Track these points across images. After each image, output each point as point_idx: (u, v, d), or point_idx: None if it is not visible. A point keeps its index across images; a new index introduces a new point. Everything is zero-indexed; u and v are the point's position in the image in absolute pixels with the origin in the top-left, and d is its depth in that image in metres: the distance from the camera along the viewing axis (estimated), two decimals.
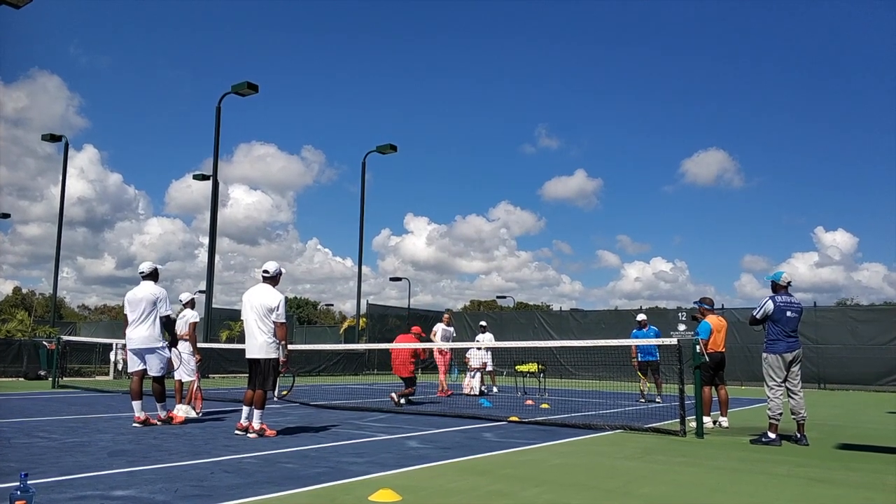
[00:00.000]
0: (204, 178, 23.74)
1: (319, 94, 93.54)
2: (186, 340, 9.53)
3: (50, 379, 16.21)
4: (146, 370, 8.40)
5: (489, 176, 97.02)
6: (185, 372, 9.55)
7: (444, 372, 15.05)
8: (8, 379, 17.66)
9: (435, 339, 14.99)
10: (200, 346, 10.19)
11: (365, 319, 28.50)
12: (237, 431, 7.59)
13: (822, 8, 75.20)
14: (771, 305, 7.69)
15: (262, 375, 7.54)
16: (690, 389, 8.39)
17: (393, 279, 42.74)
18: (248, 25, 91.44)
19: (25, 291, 67.32)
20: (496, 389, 15.99)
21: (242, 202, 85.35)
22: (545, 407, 12.04)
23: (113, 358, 19.50)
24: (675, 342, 8.80)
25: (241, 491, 4.64)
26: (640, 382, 14.00)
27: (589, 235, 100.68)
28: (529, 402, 13.01)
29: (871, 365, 20.28)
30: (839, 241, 77.18)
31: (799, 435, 7.70)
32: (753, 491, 5.09)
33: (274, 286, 7.76)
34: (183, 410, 9.11)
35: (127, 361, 8.82)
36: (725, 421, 9.18)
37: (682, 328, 22.51)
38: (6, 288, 67.77)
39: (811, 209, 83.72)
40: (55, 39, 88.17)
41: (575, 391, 15.88)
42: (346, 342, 36.55)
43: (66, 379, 17.14)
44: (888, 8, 64.69)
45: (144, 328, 8.30)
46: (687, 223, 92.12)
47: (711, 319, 9.38)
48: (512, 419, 9.71)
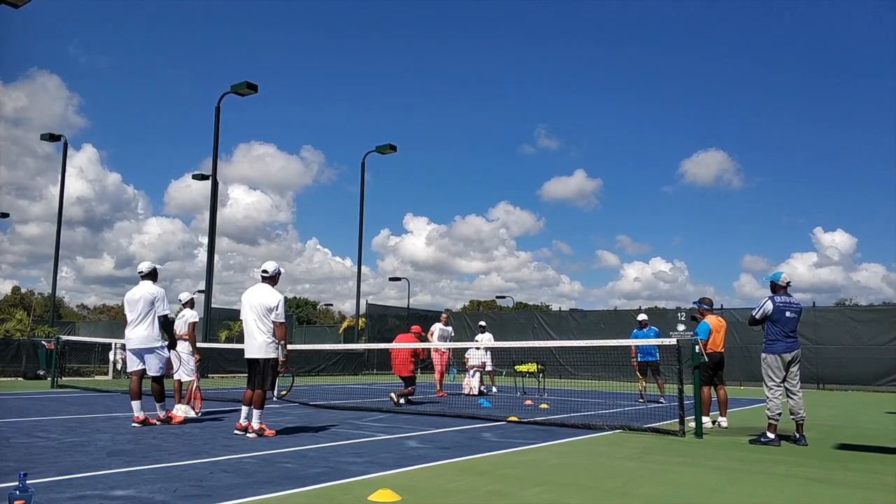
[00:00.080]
0: (203, 177, 23.74)
1: (319, 94, 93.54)
2: (186, 340, 9.53)
3: (49, 379, 16.21)
4: (145, 370, 8.40)
5: (489, 176, 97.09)
6: (184, 372, 9.56)
7: (439, 372, 14.98)
8: (7, 379, 17.65)
9: (432, 338, 14.97)
10: (200, 345, 10.19)
11: (364, 319, 28.51)
12: (236, 431, 7.59)
13: (822, 8, 75.31)
14: (770, 306, 7.70)
15: (261, 375, 7.54)
16: (689, 389, 8.40)
17: (392, 279, 42.83)
18: (248, 25, 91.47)
19: (24, 291, 67.47)
20: (495, 389, 15.99)
21: (242, 202, 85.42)
22: (544, 407, 12.04)
23: (112, 358, 19.50)
24: (674, 342, 8.81)
25: (240, 491, 4.64)
26: (639, 382, 14.01)
27: (588, 235, 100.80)
28: (529, 402, 13.02)
29: (869, 365, 20.30)
30: (838, 241, 77.30)
31: (798, 435, 7.71)
32: (752, 491, 5.09)
33: (273, 286, 7.76)
34: (182, 410, 9.11)
35: (126, 361, 8.81)
36: (724, 421, 9.18)
37: (681, 328, 22.52)
38: (5, 287, 67.81)
39: (810, 209, 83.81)
40: (55, 39, 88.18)
41: (574, 391, 15.89)
42: (345, 342, 36.52)
43: (64, 379, 17.13)
44: (888, 8, 64.77)
45: (143, 328, 8.30)
46: (686, 223, 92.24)
47: (711, 320, 9.38)
48: (511, 419, 9.71)
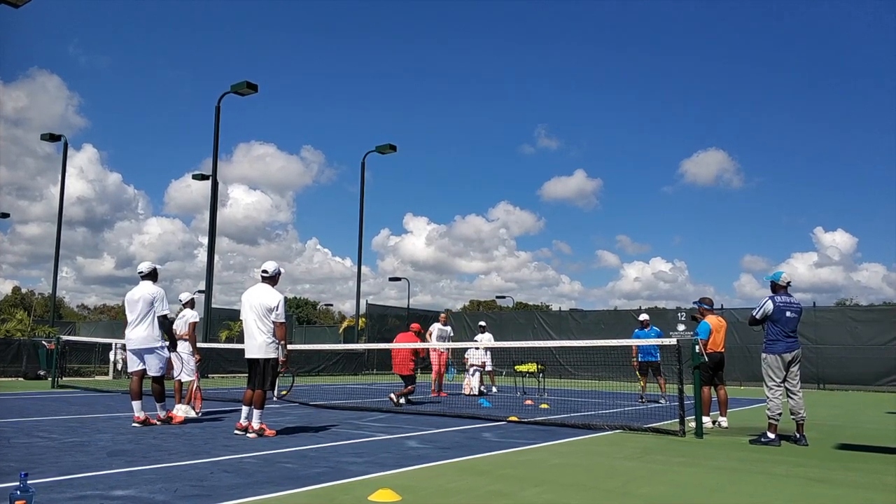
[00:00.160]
0: (203, 177, 23.74)
1: (319, 94, 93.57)
2: (186, 340, 9.53)
3: (49, 379, 16.21)
4: (146, 370, 8.40)
5: (489, 176, 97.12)
6: (184, 372, 9.56)
7: (436, 372, 14.97)
8: (7, 379, 17.65)
9: (431, 338, 14.97)
10: (200, 345, 10.19)
11: (364, 319, 28.52)
12: (237, 431, 7.60)
13: (822, 8, 75.30)
14: (770, 305, 7.70)
15: (261, 375, 7.54)
16: (690, 389, 8.40)
17: (392, 279, 42.82)
18: (248, 25, 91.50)
19: (25, 291, 67.44)
20: (495, 389, 15.99)
21: (242, 202, 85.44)
22: (544, 407, 12.04)
23: (112, 358, 19.51)
24: (674, 342, 8.81)
25: (240, 491, 4.64)
26: (639, 382, 14.00)
27: (588, 235, 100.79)
28: (529, 402, 13.02)
29: (870, 365, 20.30)
30: (838, 241, 77.30)
31: (798, 435, 7.71)
32: (753, 491, 5.10)
33: (273, 286, 7.76)
34: (182, 410, 9.11)
35: (126, 361, 8.81)
36: (725, 421, 9.18)
37: (681, 328, 22.52)
38: (5, 287, 67.83)
39: (811, 209, 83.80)
40: (55, 39, 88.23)
41: (574, 391, 15.89)
42: (345, 342, 36.53)
43: (65, 379, 17.13)
44: (888, 8, 64.76)
45: (143, 328, 8.30)
46: (686, 223, 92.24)
47: (711, 319, 9.38)
48: (511, 419, 9.71)
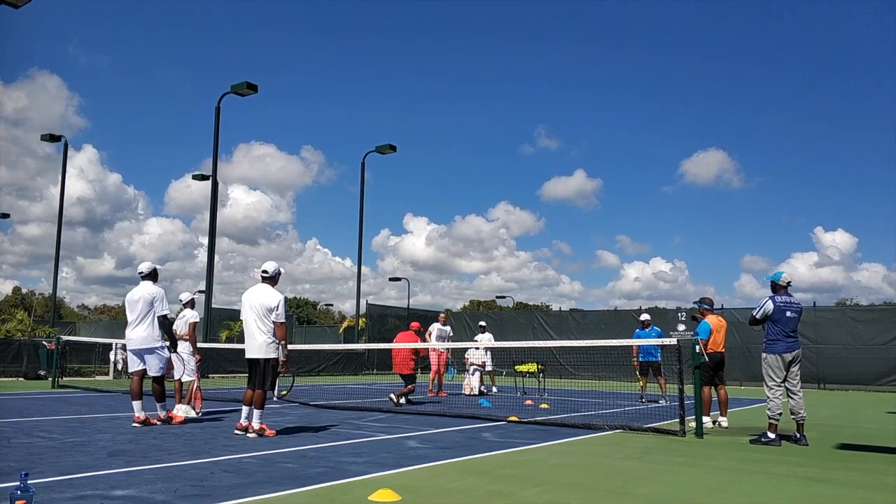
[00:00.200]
0: (203, 178, 23.75)
1: (319, 94, 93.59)
2: (186, 340, 9.53)
3: (49, 379, 16.22)
4: (146, 370, 8.40)
5: (489, 176, 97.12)
6: (185, 372, 9.56)
7: (435, 372, 14.95)
8: (8, 379, 17.65)
9: (430, 338, 14.97)
10: (200, 346, 10.19)
11: (364, 319, 28.51)
12: (237, 431, 7.60)
13: (822, 8, 75.29)
14: (771, 305, 7.70)
15: (261, 375, 7.54)
16: (690, 389, 8.40)
17: (392, 279, 42.85)
18: (248, 25, 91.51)
19: (25, 291, 67.40)
20: (496, 389, 15.99)
21: (242, 202, 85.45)
22: (544, 407, 12.04)
23: (112, 358, 19.51)
24: (674, 342, 8.81)
25: (240, 491, 4.65)
26: (640, 382, 14.00)
27: (588, 235, 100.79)
28: (529, 402, 13.02)
29: (870, 365, 20.30)
30: (839, 241, 77.29)
31: (798, 435, 7.71)
32: (753, 491, 5.09)
33: (273, 286, 7.76)
34: (182, 410, 9.11)
35: (127, 361, 8.82)
36: (725, 421, 9.18)
37: (681, 328, 22.52)
38: (6, 288, 67.85)
39: (811, 209, 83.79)
40: (55, 39, 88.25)
41: (574, 391, 15.89)
42: (345, 342, 36.55)
43: (65, 379, 17.14)
44: (888, 8, 64.75)
45: (143, 328, 8.30)
46: (687, 223, 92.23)
47: (711, 319, 9.38)
48: (511, 419, 9.71)
